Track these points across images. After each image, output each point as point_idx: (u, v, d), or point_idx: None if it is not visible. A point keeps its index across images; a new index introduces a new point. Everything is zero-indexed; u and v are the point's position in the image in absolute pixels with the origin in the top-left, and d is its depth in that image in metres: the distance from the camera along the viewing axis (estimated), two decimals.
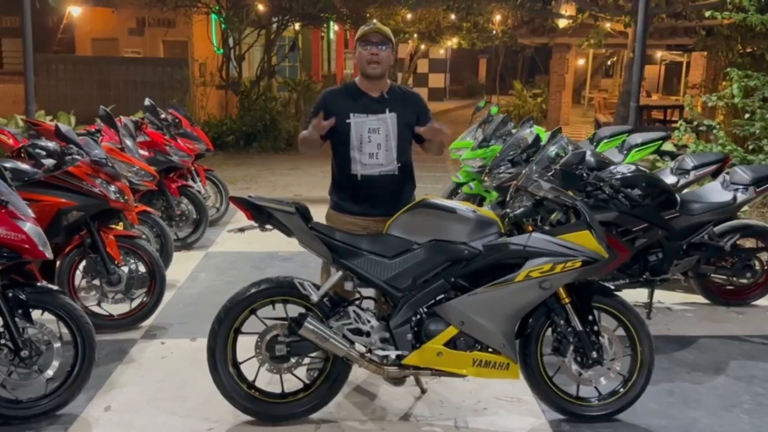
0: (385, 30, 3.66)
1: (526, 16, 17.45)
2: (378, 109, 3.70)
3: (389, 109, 3.70)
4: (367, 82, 3.72)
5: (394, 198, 3.73)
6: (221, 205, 7.84)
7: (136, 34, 17.57)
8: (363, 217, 3.73)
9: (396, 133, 3.70)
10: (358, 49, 3.69)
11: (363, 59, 3.65)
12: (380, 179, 3.71)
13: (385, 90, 3.74)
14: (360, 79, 3.77)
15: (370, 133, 3.68)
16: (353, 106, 3.69)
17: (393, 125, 3.69)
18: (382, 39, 3.64)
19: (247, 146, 14.26)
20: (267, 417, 3.57)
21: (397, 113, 3.70)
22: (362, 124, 3.68)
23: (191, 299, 5.42)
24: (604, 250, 3.44)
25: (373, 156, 3.69)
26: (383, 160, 3.70)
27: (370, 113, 3.69)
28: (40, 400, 3.54)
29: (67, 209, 4.37)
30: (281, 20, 15.91)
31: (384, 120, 3.68)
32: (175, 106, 7.94)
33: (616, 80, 27.98)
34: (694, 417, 3.71)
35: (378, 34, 3.63)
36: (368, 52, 3.62)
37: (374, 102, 3.71)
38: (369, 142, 3.68)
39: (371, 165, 3.69)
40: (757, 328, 4.98)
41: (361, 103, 3.70)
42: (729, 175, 5.24)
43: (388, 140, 3.69)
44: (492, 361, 3.45)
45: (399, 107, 3.72)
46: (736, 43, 12.41)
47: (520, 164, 5.84)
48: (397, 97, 3.77)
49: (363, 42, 3.65)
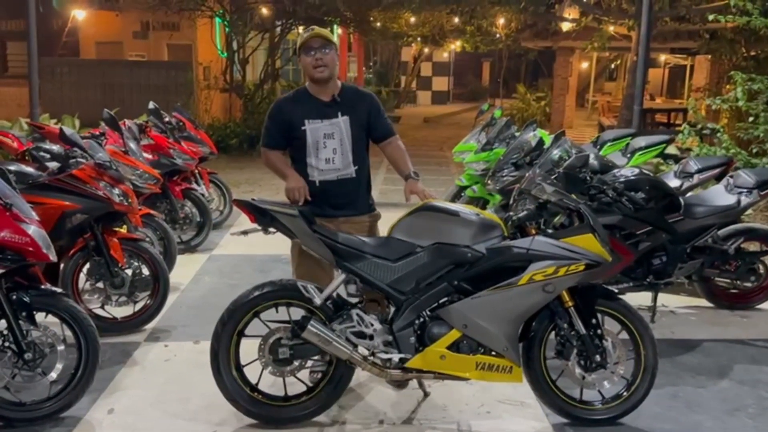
0: (325, 33, 3.69)
1: (530, 20, 17.48)
2: (330, 113, 3.73)
3: (341, 113, 3.73)
4: (317, 87, 3.75)
5: (353, 200, 3.79)
6: (225, 208, 7.86)
7: (140, 37, 17.64)
8: (324, 218, 3.72)
9: (350, 136, 3.74)
10: (301, 57, 3.71)
11: (308, 66, 3.68)
12: (338, 183, 3.76)
13: (336, 92, 3.77)
14: (310, 85, 3.79)
15: (325, 138, 3.72)
16: (307, 113, 3.72)
17: (347, 129, 3.73)
18: (323, 43, 3.66)
19: (250, 149, 14.27)
20: (270, 420, 3.56)
21: (349, 116, 3.74)
22: (317, 129, 3.71)
23: (195, 302, 5.43)
24: (608, 254, 3.43)
25: (330, 161, 3.73)
26: (340, 165, 3.74)
27: (324, 118, 3.72)
28: (43, 403, 3.54)
29: (71, 212, 4.38)
30: (285, 24, 15.95)
31: (337, 124, 3.72)
32: (179, 110, 7.96)
33: (620, 83, 27.97)
34: (697, 421, 3.70)
35: (318, 38, 3.66)
36: (312, 57, 3.65)
37: (326, 106, 3.74)
38: (324, 148, 3.71)
39: (328, 170, 3.73)
40: (762, 331, 4.97)
41: (314, 108, 3.73)
42: (733, 178, 5.23)
43: (343, 144, 3.73)
44: (495, 365, 3.45)
45: (350, 110, 3.76)
46: (740, 47, 12.41)
47: (523, 167, 5.84)
48: (349, 99, 3.80)
49: (305, 49, 3.67)
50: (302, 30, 17.05)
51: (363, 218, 3.84)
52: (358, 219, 3.78)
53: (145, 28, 17.55)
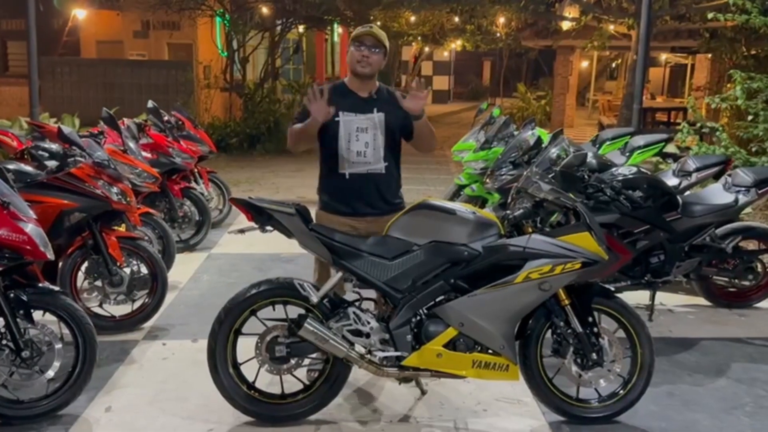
0: (379, 35, 3.69)
1: (530, 19, 17.47)
2: (366, 108, 3.72)
3: (377, 109, 3.73)
4: (357, 82, 3.75)
5: (381, 198, 3.76)
6: (224, 206, 7.86)
7: (140, 36, 17.64)
8: (352, 217, 3.74)
9: (384, 132, 3.73)
10: (350, 48, 3.71)
11: (354, 58, 3.69)
12: (367, 177, 3.74)
13: (373, 90, 3.78)
14: (349, 79, 3.79)
15: (358, 131, 3.71)
16: (342, 105, 3.70)
17: (381, 125, 3.72)
18: (375, 43, 3.66)
19: (250, 148, 14.30)
20: (267, 418, 3.57)
21: (385, 113, 3.73)
22: (351, 122, 3.70)
23: (193, 301, 5.43)
24: (604, 252, 3.43)
25: (361, 154, 3.71)
26: (371, 159, 3.72)
27: (359, 112, 3.71)
28: (41, 401, 3.55)
29: (69, 210, 4.39)
30: (285, 23, 15.96)
31: (372, 119, 3.71)
32: (179, 108, 7.97)
33: (621, 82, 27.96)
34: (694, 419, 3.70)
35: (372, 38, 3.66)
36: (360, 53, 3.66)
37: (363, 101, 3.74)
38: (357, 141, 3.70)
39: (359, 163, 3.72)
40: (760, 330, 4.97)
41: (350, 102, 3.72)
42: (731, 177, 5.22)
43: (376, 139, 3.72)
44: (492, 363, 3.45)
45: (387, 107, 3.74)
46: (740, 46, 12.40)
47: (521, 166, 5.84)
48: (385, 97, 3.80)
49: (357, 42, 3.68)
50: (302, 29, 17.13)
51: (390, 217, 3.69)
52: (385, 219, 3.67)
53: (145, 28, 17.55)
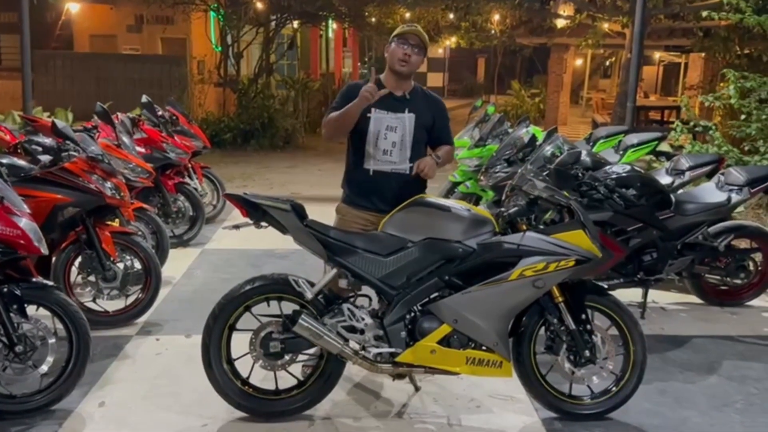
0: (423, 35, 3.71)
1: (525, 16, 17.48)
2: (398, 107, 3.74)
3: (409, 110, 3.74)
4: (393, 81, 3.75)
5: (403, 198, 3.71)
6: (218, 202, 7.85)
7: (134, 31, 17.57)
8: (372, 212, 3.76)
9: (412, 133, 3.74)
10: (392, 45, 3.71)
11: (395, 56, 3.68)
12: (391, 176, 3.75)
13: (408, 90, 3.79)
14: (386, 77, 3.79)
15: (387, 130, 3.72)
16: (376, 102, 3.70)
17: (410, 125, 3.73)
18: (418, 42, 3.68)
19: (244, 144, 14.26)
20: (261, 414, 3.58)
21: (416, 114, 3.74)
22: (381, 120, 3.71)
23: (187, 296, 5.43)
24: (598, 250, 3.45)
25: (387, 153, 3.72)
26: (396, 158, 3.73)
27: (391, 111, 3.72)
28: (34, 396, 3.54)
29: (63, 205, 4.37)
30: (280, 18, 15.91)
31: (402, 119, 3.72)
32: (173, 103, 7.94)
33: (615, 81, 28.00)
34: (685, 416, 3.73)
35: (416, 37, 3.67)
36: (402, 50, 3.66)
37: (396, 100, 3.75)
38: (385, 139, 3.71)
39: (384, 161, 3.73)
40: (751, 328, 5.00)
41: (384, 99, 3.71)
42: (724, 175, 5.25)
43: (404, 139, 3.72)
44: (485, 360, 3.47)
45: (419, 109, 3.76)
46: (733, 45, 12.44)
47: (516, 163, 5.85)
48: (419, 98, 3.82)
49: (400, 40, 3.68)
50: (297, 24, 17.08)
51: None
52: None
53: (139, 22, 17.47)
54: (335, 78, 20.83)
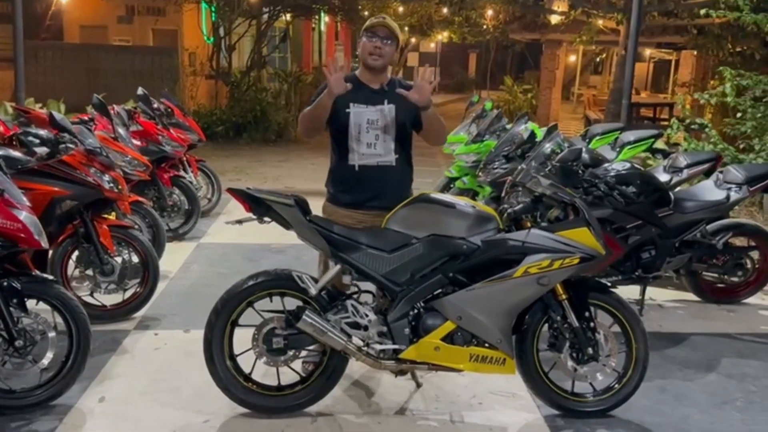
0: (392, 26, 3.65)
1: (518, 12, 17.46)
2: (377, 100, 3.69)
3: (388, 101, 3.69)
4: (368, 74, 3.72)
5: (390, 191, 3.70)
6: (213, 195, 7.81)
7: (125, 22, 17.41)
8: (358, 210, 3.72)
9: (394, 124, 3.69)
10: (363, 39, 3.67)
11: (366, 50, 3.64)
12: (378, 170, 3.70)
13: (385, 82, 3.74)
14: (361, 71, 3.76)
15: (368, 123, 3.67)
16: (353, 96, 3.66)
17: (391, 117, 3.68)
18: (388, 34, 3.62)
19: (236, 137, 14.20)
20: (263, 409, 3.56)
21: (396, 105, 3.69)
22: (361, 114, 3.67)
23: (184, 290, 5.40)
24: (602, 247, 3.45)
25: (371, 146, 3.68)
26: (381, 151, 3.69)
27: (370, 104, 3.68)
28: (34, 390, 3.51)
29: (60, 198, 4.33)
30: (272, 10, 15.83)
31: (382, 111, 3.68)
32: (167, 96, 7.88)
33: (606, 77, 28.11)
34: (686, 414, 3.74)
35: (385, 29, 3.62)
36: (372, 44, 3.61)
37: (374, 93, 3.70)
38: (367, 133, 3.67)
39: (369, 155, 3.69)
40: (748, 326, 5.03)
41: (361, 93, 3.69)
42: (722, 173, 5.26)
43: (387, 131, 3.68)
44: (489, 357, 3.46)
45: (398, 99, 3.69)
46: (726, 42, 12.48)
47: (514, 160, 5.85)
48: (396, 89, 3.75)
49: (369, 33, 3.63)
50: (289, 17, 17.01)
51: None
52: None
53: (130, 13, 17.32)
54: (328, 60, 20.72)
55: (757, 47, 11.56)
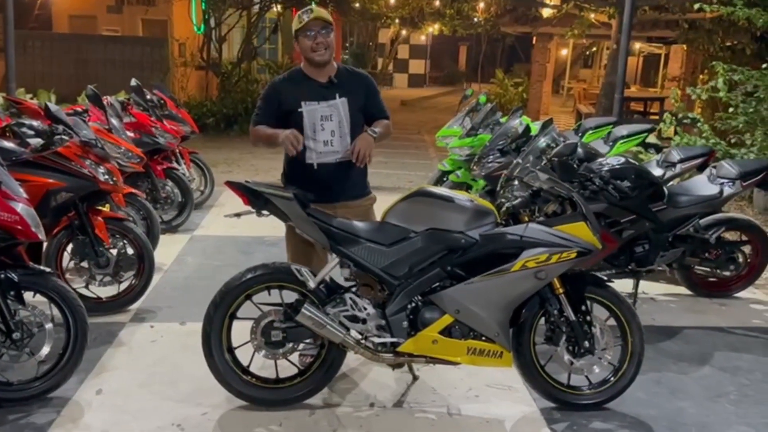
0: (324, 15, 3.61)
1: (510, 5, 17.46)
2: (328, 95, 3.67)
3: (339, 94, 3.68)
4: (314, 69, 3.69)
5: (351, 183, 3.74)
6: (206, 188, 7.80)
7: (114, 12, 17.30)
8: (322, 204, 3.63)
9: (348, 118, 3.68)
10: (300, 39, 3.63)
11: (308, 49, 3.61)
12: (337, 166, 3.71)
13: (332, 74, 3.71)
14: (305, 66, 3.72)
15: (322, 120, 3.66)
16: (303, 94, 3.65)
17: (345, 111, 3.67)
18: (323, 24, 3.59)
19: (227, 129, 14.15)
20: (261, 402, 3.56)
21: (347, 98, 3.68)
22: (314, 111, 3.65)
23: (179, 283, 5.39)
24: (598, 242, 3.47)
25: (328, 143, 3.68)
26: (338, 147, 3.69)
27: (321, 100, 3.66)
28: (31, 383, 3.50)
29: (55, 190, 4.31)
30: (263, 1, 15.75)
31: (335, 106, 3.67)
32: (160, 87, 7.85)
33: (596, 71, 28.17)
34: (681, 407, 3.77)
35: (319, 20, 3.58)
36: (312, 41, 3.58)
37: (323, 88, 3.68)
38: (322, 130, 3.66)
39: (327, 153, 3.69)
40: (740, 320, 5.07)
41: (311, 90, 3.67)
42: (716, 168, 5.30)
43: (342, 126, 3.68)
44: (486, 350, 3.48)
45: (348, 91, 3.69)
46: (717, 37, 12.54)
47: (509, 154, 5.86)
48: (345, 80, 3.74)
49: (305, 31, 3.59)
50: (280, 8, 16.93)
51: (359, 202, 3.83)
52: (355, 203, 3.75)
53: (119, 3, 17.22)
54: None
55: (747, 42, 11.62)
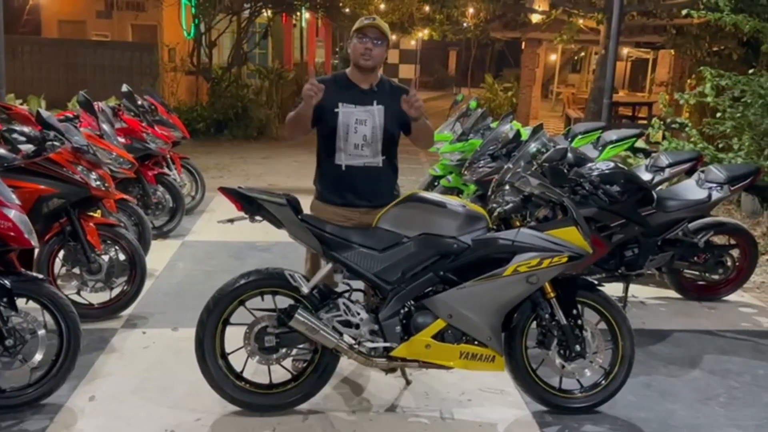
0: (383, 27, 3.67)
1: (499, 10, 17.54)
2: (366, 100, 3.71)
3: (377, 102, 3.71)
4: (358, 74, 3.73)
5: (377, 190, 3.75)
6: (197, 193, 7.79)
7: (104, 17, 17.27)
8: (346, 207, 3.75)
9: (382, 125, 3.71)
10: (353, 41, 3.69)
11: (357, 51, 3.66)
12: (364, 170, 3.73)
13: (375, 83, 3.76)
14: (351, 70, 3.78)
15: (357, 124, 3.69)
16: (342, 96, 3.69)
17: (380, 118, 3.70)
18: (378, 35, 3.65)
19: (217, 134, 14.15)
20: (255, 407, 3.57)
21: (384, 106, 3.71)
22: (350, 114, 3.69)
23: (170, 288, 5.38)
24: (589, 246, 3.51)
25: (359, 147, 3.70)
26: (368, 152, 3.71)
27: (359, 104, 3.70)
28: (24, 390, 3.49)
29: (47, 196, 4.30)
30: (254, 7, 15.77)
31: (371, 112, 3.70)
32: (151, 93, 7.85)
33: (584, 76, 28.32)
34: (671, 409, 3.81)
35: (376, 29, 3.64)
36: (363, 45, 3.63)
37: (363, 94, 3.72)
38: (355, 133, 3.69)
39: (356, 156, 3.71)
40: (729, 323, 5.12)
41: (351, 93, 3.71)
42: (704, 173, 5.35)
43: (374, 132, 3.70)
44: (478, 354, 3.50)
45: (387, 100, 3.73)
46: (704, 42, 12.65)
47: (500, 159, 5.90)
48: (386, 90, 3.78)
49: (360, 35, 3.65)
50: (271, 13, 16.93)
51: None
52: (378, 211, 3.67)
53: (109, 8, 17.18)
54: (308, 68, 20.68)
55: (734, 47, 11.74)
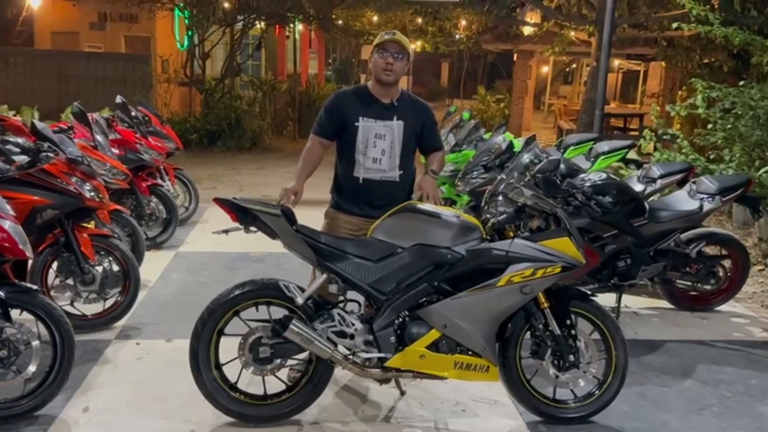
0: (404, 41, 3.74)
1: (492, 22, 17.63)
2: (387, 115, 3.78)
3: (397, 117, 3.79)
4: (380, 88, 3.80)
5: (392, 202, 3.76)
6: (190, 204, 7.79)
7: (97, 28, 17.26)
8: (360, 218, 3.82)
9: (401, 140, 3.78)
10: (374, 55, 3.75)
11: (378, 66, 3.73)
12: (381, 184, 3.81)
13: (395, 97, 3.83)
14: (372, 85, 3.84)
15: (376, 138, 3.76)
16: (363, 110, 3.77)
17: (399, 133, 3.78)
18: (399, 49, 3.72)
19: (211, 145, 14.15)
20: (249, 418, 3.57)
21: (404, 121, 3.79)
22: (369, 128, 3.76)
23: (164, 299, 5.38)
24: (582, 257, 3.53)
25: (377, 161, 3.77)
26: (386, 166, 3.78)
27: (379, 119, 3.77)
28: (18, 401, 3.48)
29: (41, 207, 4.31)
30: (247, 18, 15.80)
31: (391, 127, 3.77)
32: (144, 103, 7.87)
33: (576, 87, 28.46)
34: (664, 419, 3.82)
35: (396, 44, 3.72)
36: (384, 60, 3.71)
37: (384, 108, 3.80)
38: (374, 147, 3.76)
39: (374, 170, 3.78)
40: (721, 333, 5.14)
41: (371, 107, 3.79)
42: (695, 184, 5.38)
43: (393, 147, 3.77)
44: (473, 364, 3.51)
45: (407, 116, 3.81)
46: (695, 54, 12.75)
47: (493, 170, 5.93)
48: (407, 105, 3.87)
49: (380, 49, 3.72)
50: (264, 25, 16.98)
51: None
52: None
53: (102, 19, 17.18)
54: (302, 79, 20.73)
55: (725, 59, 11.83)
